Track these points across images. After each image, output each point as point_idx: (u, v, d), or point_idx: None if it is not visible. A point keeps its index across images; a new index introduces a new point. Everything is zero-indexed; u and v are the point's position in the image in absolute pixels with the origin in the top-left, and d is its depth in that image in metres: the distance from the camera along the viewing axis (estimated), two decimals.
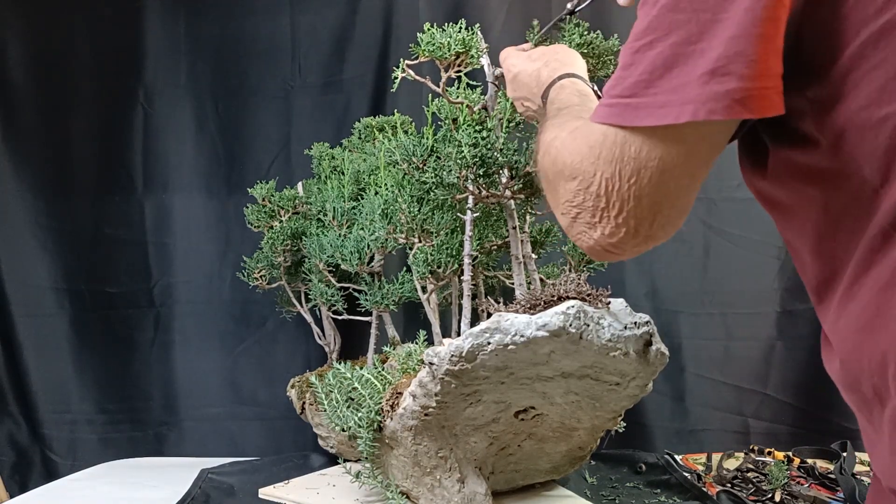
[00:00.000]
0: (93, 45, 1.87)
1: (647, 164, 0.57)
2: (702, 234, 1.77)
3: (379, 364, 1.41)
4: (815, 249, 0.60)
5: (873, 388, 0.55)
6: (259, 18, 1.87)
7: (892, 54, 0.51)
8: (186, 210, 1.89)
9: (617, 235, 0.61)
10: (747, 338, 1.75)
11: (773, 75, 0.53)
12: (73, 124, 1.88)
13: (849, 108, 0.53)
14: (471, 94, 1.23)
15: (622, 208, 0.60)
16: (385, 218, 1.37)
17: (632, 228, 0.61)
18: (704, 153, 0.59)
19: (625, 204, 0.59)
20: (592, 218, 0.62)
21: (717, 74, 0.53)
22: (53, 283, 1.87)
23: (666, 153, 0.57)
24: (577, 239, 0.66)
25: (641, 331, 1.02)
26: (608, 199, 0.60)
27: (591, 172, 0.60)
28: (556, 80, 0.89)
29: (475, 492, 1.18)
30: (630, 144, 0.58)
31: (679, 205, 0.61)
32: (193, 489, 1.44)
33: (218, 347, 1.89)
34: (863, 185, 0.54)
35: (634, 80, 0.57)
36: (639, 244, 0.63)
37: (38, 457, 1.89)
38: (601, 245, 0.63)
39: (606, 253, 0.64)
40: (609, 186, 0.59)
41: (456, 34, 1.11)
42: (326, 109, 1.87)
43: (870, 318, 0.54)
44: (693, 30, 0.54)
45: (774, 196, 0.65)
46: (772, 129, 0.60)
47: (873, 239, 0.54)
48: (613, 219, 0.60)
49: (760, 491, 1.33)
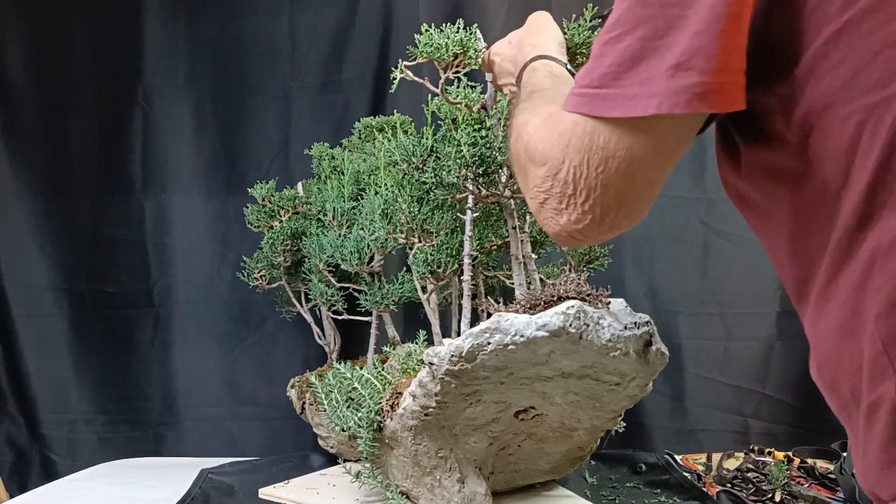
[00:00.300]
0: (93, 45, 1.87)
1: (615, 154, 0.59)
2: (702, 234, 1.77)
3: (379, 364, 1.41)
4: (790, 250, 0.61)
5: (851, 389, 0.55)
6: (259, 18, 1.87)
7: (852, 52, 0.52)
8: (186, 210, 1.89)
9: (582, 222, 0.63)
10: (747, 338, 1.75)
11: (733, 70, 0.54)
12: (73, 124, 1.88)
13: (813, 107, 0.54)
14: (470, 94, 1.23)
15: (589, 196, 0.61)
16: (385, 218, 1.37)
17: (597, 216, 0.62)
18: (671, 145, 0.60)
19: (591, 192, 0.61)
20: (559, 204, 0.63)
21: (680, 69, 0.54)
22: (53, 283, 1.87)
23: (633, 144, 0.58)
24: (544, 224, 0.67)
25: (641, 331, 1.02)
26: (576, 186, 0.61)
27: (560, 159, 0.62)
28: (528, 63, 0.89)
29: (475, 492, 1.18)
30: (599, 134, 0.59)
31: (644, 195, 0.62)
32: (193, 489, 1.44)
33: (217, 347, 1.88)
34: (827, 185, 0.54)
35: (603, 72, 0.58)
36: (603, 232, 0.64)
37: (38, 457, 1.88)
38: (567, 231, 0.65)
39: (571, 239, 0.66)
40: (577, 174, 0.61)
41: (454, 35, 1.11)
42: (326, 109, 1.87)
43: (844, 318, 0.54)
44: (660, 24, 0.55)
45: (749, 196, 0.66)
46: (744, 127, 0.61)
47: (840, 240, 0.54)
48: (580, 206, 0.62)
49: (760, 491, 1.33)
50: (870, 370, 0.52)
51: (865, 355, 0.52)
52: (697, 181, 1.76)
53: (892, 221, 0.50)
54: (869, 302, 0.51)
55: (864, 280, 0.52)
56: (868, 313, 0.52)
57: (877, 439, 0.51)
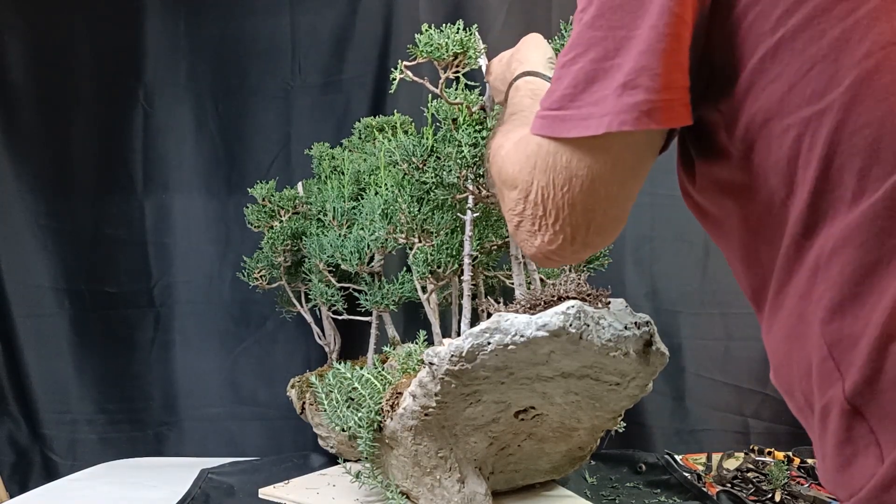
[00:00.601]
0: (93, 45, 1.87)
1: (577, 174, 0.60)
2: (702, 234, 1.75)
3: (379, 364, 1.41)
4: (744, 259, 0.62)
5: (803, 394, 0.56)
6: (259, 18, 1.87)
7: (787, 68, 0.53)
8: (186, 210, 1.89)
9: (555, 242, 0.64)
10: (747, 338, 1.75)
11: (677, 87, 0.56)
12: (73, 124, 1.88)
13: (754, 121, 0.55)
14: (469, 95, 1.23)
15: (558, 216, 0.62)
16: (385, 218, 1.37)
17: (569, 236, 0.63)
18: (629, 161, 0.61)
19: (560, 212, 0.62)
20: (532, 226, 0.65)
21: (627, 87, 0.55)
22: (53, 283, 1.87)
23: (593, 162, 0.59)
24: (521, 245, 0.69)
25: (641, 331, 1.02)
26: (545, 207, 0.63)
27: (529, 181, 0.63)
28: (513, 82, 0.91)
29: (475, 492, 1.18)
30: (561, 154, 0.60)
31: (611, 212, 0.63)
32: (193, 489, 1.44)
33: (218, 347, 1.88)
34: (772, 197, 0.56)
35: (561, 94, 0.60)
36: (577, 251, 0.65)
37: (38, 457, 1.88)
38: (542, 252, 0.66)
39: (547, 259, 0.67)
40: (544, 195, 0.62)
41: (454, 35, 1.11)
42: (326, 109, 1.87)
43: (793, 325, 0.55)
44: (610, 46, 0.57)
45: (704, 207, 0.67)
46: (696, 142, 0.62)
47: (788, 248, 0.55)
48: (551, 226, 0.63)
49: (760, 491, 1.33)
50: (818, 375, 0.53)
51: (814, 361, 0.53)
52: None
53: (833, 230, 0.51)
54: (813, 308, 0.53)
55: (809, 287, 0.53)
56: (813, 319, 0.53)
57: (830, 442, 0.52)
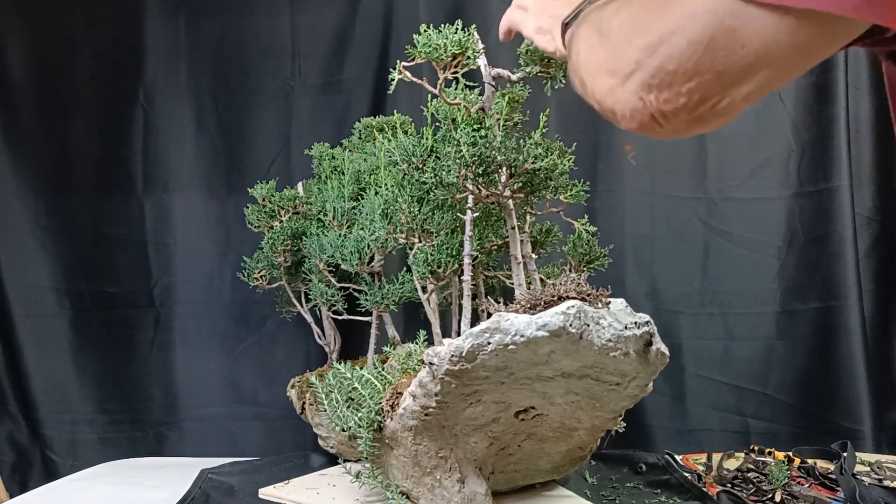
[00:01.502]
0: (93, 45, 1.87)
1: (748, 43, 0.52)
2: (702, 234, 1.77)
3: (379, 364, 1.41)
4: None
5: None
6: (259, 18, 1.87)
7: None
8: (186, 210, 1.89)
9: (672, 104, 0.57)
10: (748, 338, 1.75)
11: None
12: (73, 124, 1.88)
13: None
14: (469, 95, 1.23)
15: (693, 78, 0.55)
16: (385, 218, 1.37)
17: (693, 102, 0.56)
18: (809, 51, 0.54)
19: (699, 74, 0.55)
20: (652, 78, 0.57)
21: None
22: (53, 283, 1.87)
23: (772, 38, 0.52)
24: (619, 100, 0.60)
25: (641, 331, 1.02)
26: (681, 63, 0.55)
27: (671, 31, 0.55)
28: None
29: (475, 492, 1.18)
30: (736, 16, 0.52)
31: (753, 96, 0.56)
32: (193, 489, 1.44)
33: (218, 347, 1.89)
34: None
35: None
36: (690, 122, 0.58)
37: (38, 457, 1.89)
38: (651, 110, 0.58)
39: (650, 121, 0.59)
40: (689, 52, 0.54)
41: (452, 35, 1.11)
42: (326, 109, 1.88)
43: None
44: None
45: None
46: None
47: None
48: (678, 86, 0.56)
49: (761, 491, 1.33)
50: None
51: None
52: (698, 181, 1.77)
53: None
54: None
55: None
56: None
57: None
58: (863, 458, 1.48)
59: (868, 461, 1.47)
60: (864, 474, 1.39)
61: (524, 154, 1.12)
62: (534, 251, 1.29)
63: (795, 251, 1.73)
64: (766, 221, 1.75)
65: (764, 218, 1.75)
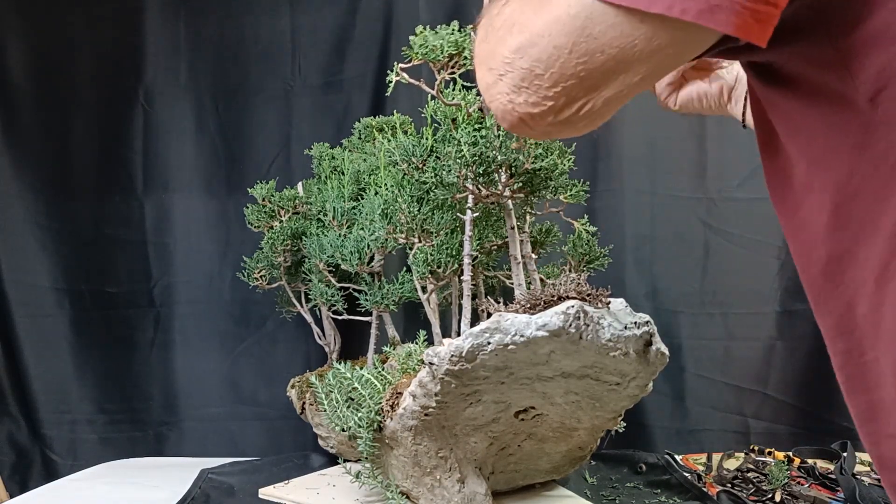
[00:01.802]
0: (93, 45, 1.87)
1: (606, 49, 0.54)
2: (702, 234, 1.77)
3: (379, 364, 1.41)
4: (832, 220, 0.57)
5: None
6: (259, 18, 1.87)
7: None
8: (186, 210, 1.89)
9: (539, 107, 0.58)
10: (747, 338, 1.75)
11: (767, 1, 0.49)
12: (73, 124, 1.88)
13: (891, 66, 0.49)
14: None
15: (558, 82, 0.56)
16: (385, 218, 1.37)
17: (558, 106, 0.58)
18: (666, 57, 0.55)
19: (563, 79, 0.56)
20: (521, 81, 0.58)
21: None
22: (53, 283, 1.87)
23: (629, 42, 0.53)
24: (493, 99, 0.61)
25: (641, 331, 1.02)
26: (547, 67, 0.56)
27: (540, 34, 0.56)
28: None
29: (475, 492, 1.18)
30: (596, 22, 0.54)
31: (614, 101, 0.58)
32: (193, 489, 1.44)
33: (218, 347, 1.89)
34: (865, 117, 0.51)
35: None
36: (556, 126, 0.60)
37: (38, 457, 1.89)
38: (518, 112, 0.59)
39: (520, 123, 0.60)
40: (554, 56, 0.56)
41: (448, 36, 1.11)
42: (326, 109, 1.87)
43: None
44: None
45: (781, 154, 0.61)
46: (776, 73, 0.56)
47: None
48: (544, 90, 0.57)
49: (761, 491, 1.33)
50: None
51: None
52: (698, 181, 1.76)
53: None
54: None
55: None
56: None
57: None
58: (863, 458, 1.48)
59: (868, 461, 1.47)
60: (864, 474, 1.39)
61: (524, 154, 1.12)
62: (534, 251, 1.29)
63: None
64: (766, 221, 1.75)
65: (764, 218, 1.74)
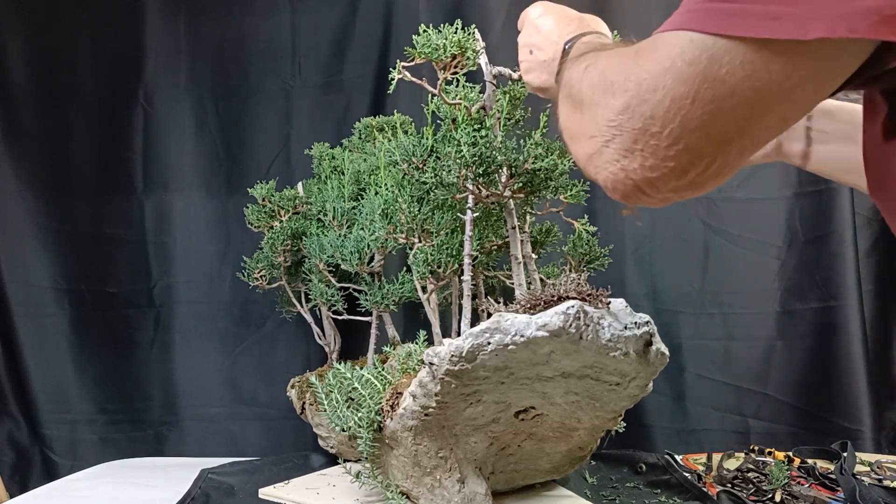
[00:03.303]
0: (93, 45, 1.87)
1: (737, 91, 0.46)
2: (702, 234, 1.77)
3: (379, 364, 1.41)
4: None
5: None
6: (259, 18, 1.87)
7: None
8: (186, 210, 1.89)
9: (659, 170, 0.50)
10: (747, 338, 1.75)
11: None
12: (73, 124, 1.88)
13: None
14: (469, 95, 1.23)
15: (680, 138, 0.48)
16: (385, 218, 1.37)
17: (682, 166, 0.49)
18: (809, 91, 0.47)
19: (687, 134, 0.48)
20: (634, 144, 0.50)
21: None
22: (53, 283, 1.87)
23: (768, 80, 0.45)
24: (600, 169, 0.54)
25: (641, 331, 1.01)
26: (665, 123, 0.48)
27: (652, 88, 0.48)
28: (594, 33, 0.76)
29: (475, 492, 1.18)
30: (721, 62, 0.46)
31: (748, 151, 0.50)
32: (193, 489, 1.44)
33: (218, 347, 1.89)
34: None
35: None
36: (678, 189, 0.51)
37: (38, 457, 1.89)
38: (633, 179, 0.51)
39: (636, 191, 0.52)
40: (673, 109, 0.47)
41: (451, 35, 1.11)
42: (326, 109, 1.88)
43: None
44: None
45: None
46: None
47: None
48: (663, 149, 0.49)
49: (761, 491, 1.33)
50: None
51: None
52: None
53: None
54: None
55: None
56: None
57: None
58: (863, 458, 1.48)
59: (868, 461, 1.47)
60: (864, 474, 1.39)
61: (524, 154, 1.12)
62: (534, 251, 1.29)
63: (795, 251, 1.73)
64: (766, 221, 1.75)
65: (764, 218, 1.75)
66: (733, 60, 0.46)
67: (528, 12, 0.91)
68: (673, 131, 0.48)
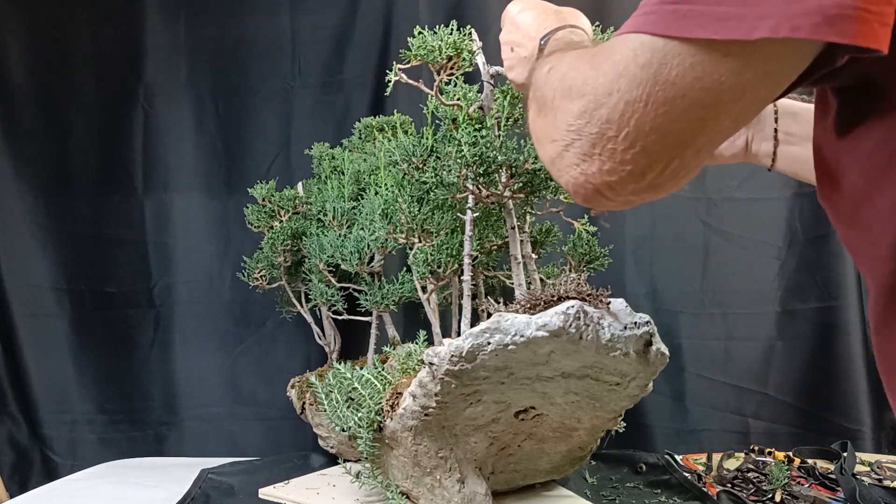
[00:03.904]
0: (93, 45, 1.87)
1: (688, 93, 0.46)
2: (702, 234, 1.77)
3: (379, 364, 1.41)
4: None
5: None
6: (259, 18, 1.87)
7: None
8: (186, 210, 1.89)
9: (617, 174, 0.51)
10: (747, 338, 1.75)
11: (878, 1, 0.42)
12: (73, 124, 1.88)
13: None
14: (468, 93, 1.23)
15: (636, 142, 0.49)
16: (385, 218, 1.37)
17: (639, 169, 0.50)
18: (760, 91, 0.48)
19: (642, 137, 0.48)
20: (592, 148, 0.51)
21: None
22: (53, 283, 1.87)
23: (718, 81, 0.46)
24: (562, 172, 0.55)
25: (641, 331, 1.01)
26: (620, 126, 0.49)
27: (607, 92, 0.49)
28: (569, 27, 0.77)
29: (475, 492, 1.18)
30: (671, 65, 0.46)
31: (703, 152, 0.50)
32: (193, 489, 1.44)
33: (218, 347, 1.89)
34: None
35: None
36: (637, 192, 0.52)
37: (38, 457, 1.88)
38: (593, 182, 0.52)
39: (596, 194, 0.53)
40: (627, 112, 0.48)
41: (447, 37, 1.10)
42: (326, 109, 1.87)
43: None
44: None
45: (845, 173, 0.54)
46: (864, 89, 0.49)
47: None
48: (620, 152, 0.50)
49: (761, 491, 1.33)
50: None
51: None
52: (698, 181, 1.76)
53: None
54: None
55: None
56: None
57: None
58: (863, 458, 1.48)
59: (868, 461, 1.47)
60: (864, 474, 1.39)
61: (525, 154, 1.12)
62: (534, 251, 1.29)
63: (795, 251, 1.73)
64: (766, 221, 1.75)
65: (764, 218, 1.75)
66: (683, 62, 0.47)
67: (508, 9, 0.92)
68: (629, 135, 0.49)
